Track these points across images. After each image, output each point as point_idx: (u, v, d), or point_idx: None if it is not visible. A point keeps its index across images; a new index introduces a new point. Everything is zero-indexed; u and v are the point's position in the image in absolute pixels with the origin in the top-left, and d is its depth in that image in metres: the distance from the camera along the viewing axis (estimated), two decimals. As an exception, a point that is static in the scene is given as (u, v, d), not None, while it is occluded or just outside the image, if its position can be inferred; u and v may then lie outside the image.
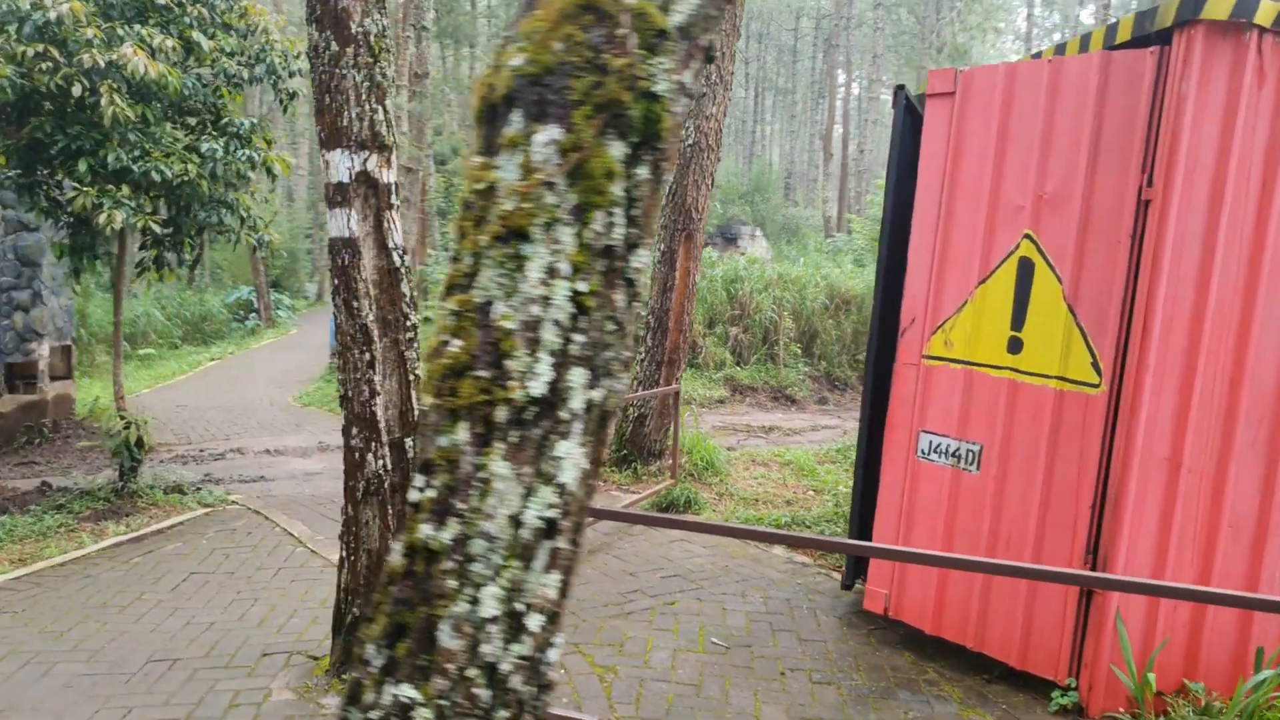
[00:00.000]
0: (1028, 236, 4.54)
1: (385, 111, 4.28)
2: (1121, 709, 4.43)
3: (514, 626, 1.60)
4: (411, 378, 4.49)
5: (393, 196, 4.36)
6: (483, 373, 1.64)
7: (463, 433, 1.65)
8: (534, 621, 1.60)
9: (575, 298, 1.65)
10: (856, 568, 6.09)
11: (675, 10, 1.61)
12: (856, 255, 21.61)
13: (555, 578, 1.60)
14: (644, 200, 1.61)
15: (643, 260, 1.60)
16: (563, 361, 1.68)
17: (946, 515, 5.01)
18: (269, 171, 7.93)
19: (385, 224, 4.34)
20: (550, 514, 1.64)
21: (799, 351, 16.79)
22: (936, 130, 5.07)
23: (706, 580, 6.23)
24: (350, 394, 4.36)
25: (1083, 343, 4.40)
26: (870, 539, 6.35)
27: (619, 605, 5.72)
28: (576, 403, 1.65)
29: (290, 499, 8.26)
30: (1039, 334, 4.53)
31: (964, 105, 4.92)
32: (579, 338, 1.67)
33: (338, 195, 4.23)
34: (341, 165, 4.22)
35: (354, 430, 4.38)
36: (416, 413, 4.56)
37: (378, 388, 4.38)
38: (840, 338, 17.85)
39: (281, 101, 8.12)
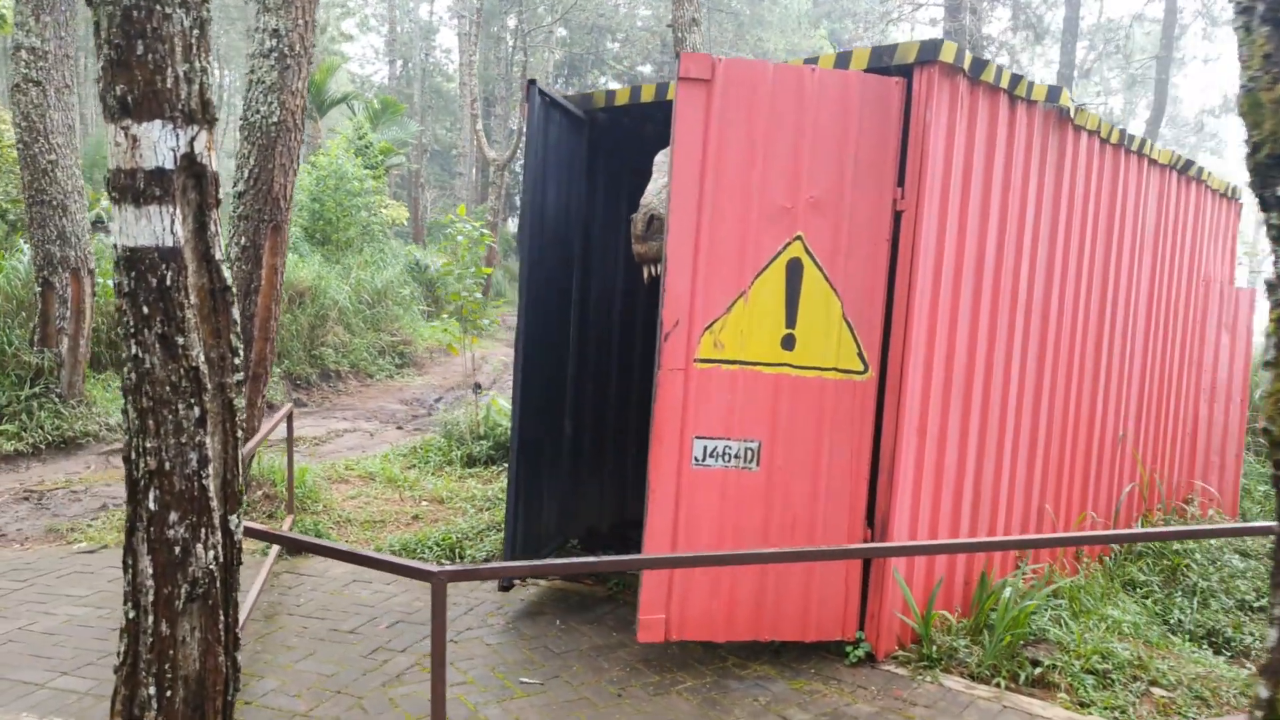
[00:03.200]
0: (799, 238, 4.89)
1: (211, 71, 3.06)
2: (897, 648, 5.21)
3: None
4: (239, 434, 3.31)
5: (219, 190, 3.15)
6: None
7: None
8: None
9: None
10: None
11: None
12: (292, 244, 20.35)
13: None
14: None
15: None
16: None
17: (727, 518, 5.02)
18: None
19: (210, 228, 3.13)
20: None
21: (266, 352, 15.37)
22: (692, 118, 4.83)
23: (435, 618, 5.61)
24: (169, 465, 3.08)
25: (850, 335, 5.01)
26: (527, 546, 6.26)
27: (380, 671, 4.89)
28: None
29: None
30: (811, 330, 4.95)
31: (725, 97, 4.84)
32: None
33: (154, 187, 2.93)
34: (162, 144, 2.92)
35: (173, 515, 3.10)
36: (241, 480, 3.38)
37: (209, 453, 3.16)
38: (299, 333, 16.81)
39: None
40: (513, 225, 41.83)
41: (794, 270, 4.81)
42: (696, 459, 4.98)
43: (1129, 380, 7.23)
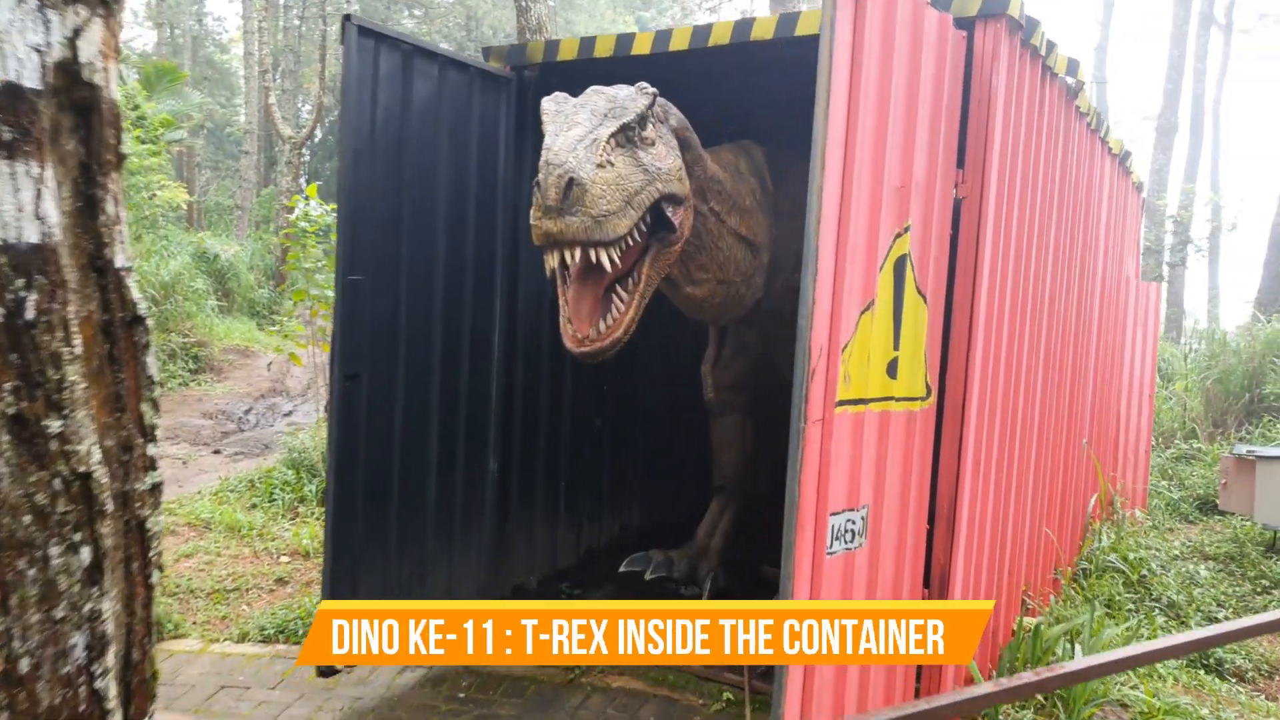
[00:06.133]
0: (908, 229, 3.70)
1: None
2: (956, 726, 4.29)
3: None
4: (154, 579, 1.86)
5: (121, 138, 1.69)
6: None
7: None
8: None
9: None
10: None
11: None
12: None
13: None
14: None
15: None
16: None
17: None
18: None
19: (106, 208, 1.67)
20: None
21: None
22: (843, 48, 3.27)
23: (353, 739, 4.18)
24: (31, 662, 1.61)
25: (924, 353, 4.00)
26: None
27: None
28: None
29: None
30: (906, 348, 3.83)
31: (871, 22, 3.35)
32: None
33: (-2, 123, 1.46)
34: (18, 39, 1.46)
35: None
36: (154, 656, 1.93)
37: (107, 627, 1.71)
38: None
39: None
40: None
41: (899, 272, 3.67)
42: (829, 546, 3.49)
43: (1090, 383, 6.73)
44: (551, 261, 3.60)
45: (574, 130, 3.57)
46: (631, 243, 3.65)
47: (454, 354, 5.04)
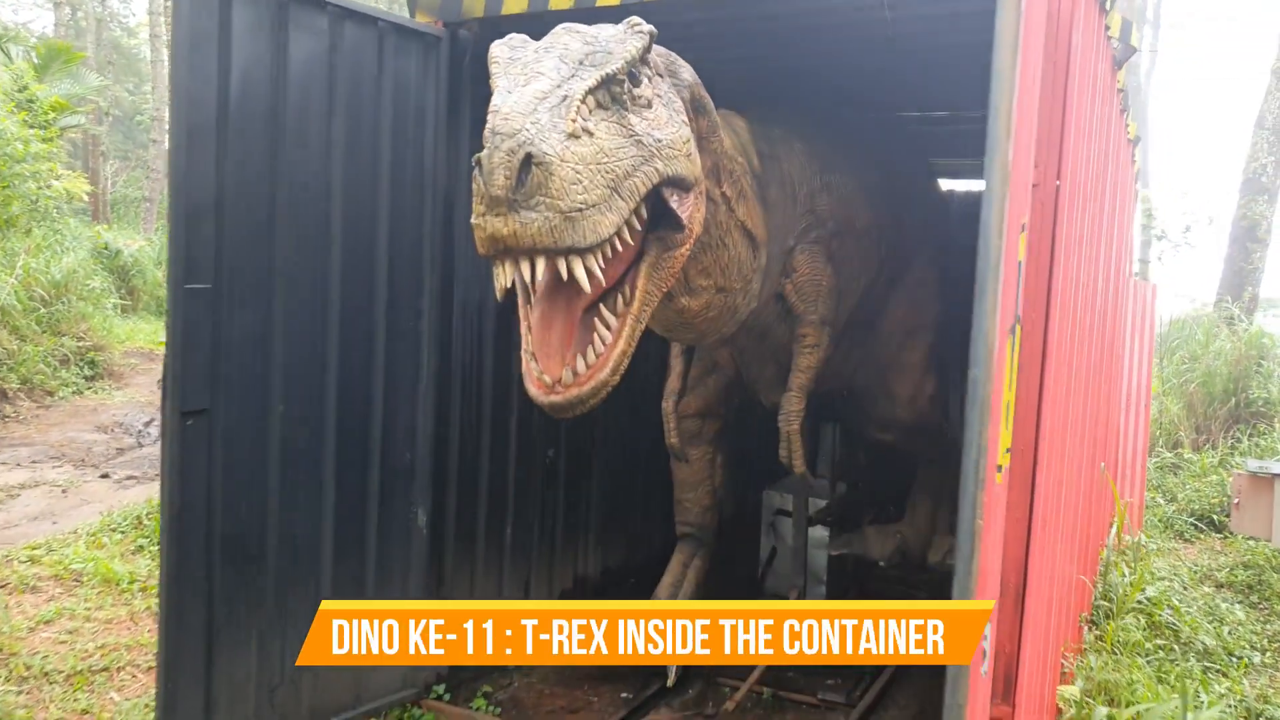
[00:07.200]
0: (1024, 228, 2.74)
1: None
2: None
3: None
4: None
5: None
6: None
7: None
8: None
9: None
10: None
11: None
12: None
13: None
14: None
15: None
16: None
17: None
18: None
19: None
20: None
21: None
22: None
23: None
24: None
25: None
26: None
27: None
28: None
29: None
30: (1013, 384, 2.90)
31: None
32: None
33: None
34: None
35: None
36: None
37: None
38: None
39: None
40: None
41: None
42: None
43: (1108, 397, 5.97)
44: (503, 278, 2.53)
45: (535, 84, 2.50)
46: (621, 246, 2.63)
47: (361, 382, 4.04)
